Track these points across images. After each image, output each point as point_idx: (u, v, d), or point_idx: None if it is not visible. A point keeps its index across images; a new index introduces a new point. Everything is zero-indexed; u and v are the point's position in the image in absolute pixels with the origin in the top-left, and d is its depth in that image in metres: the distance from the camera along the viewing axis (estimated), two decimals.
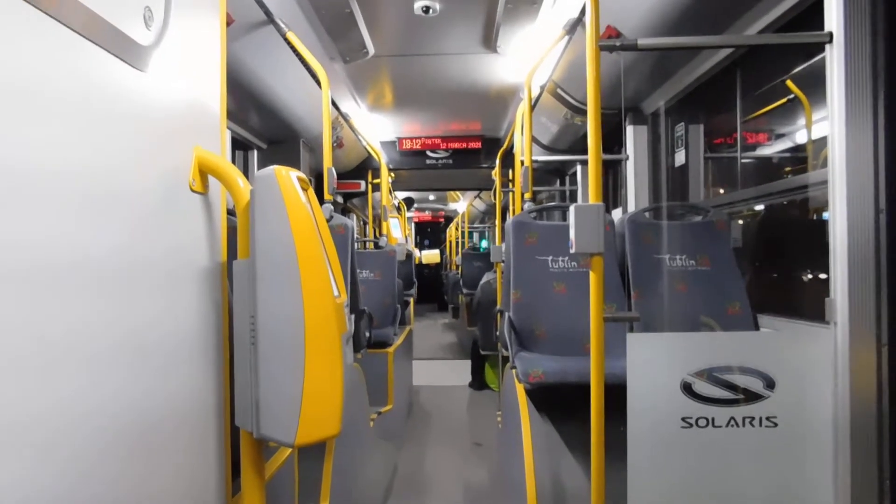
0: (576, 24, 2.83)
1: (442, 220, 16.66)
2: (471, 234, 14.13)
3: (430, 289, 14.10)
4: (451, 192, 11.92)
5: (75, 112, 0.71)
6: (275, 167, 0.98)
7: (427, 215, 16.69)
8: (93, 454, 0.73)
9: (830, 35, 1.49)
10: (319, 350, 0.94)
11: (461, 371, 6.32)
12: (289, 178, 0.98)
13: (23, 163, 0.62)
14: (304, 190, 1.02)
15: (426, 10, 3.29)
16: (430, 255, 13.20)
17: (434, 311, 13.73)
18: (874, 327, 1.42)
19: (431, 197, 13.47)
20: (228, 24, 2.25)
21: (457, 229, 12.35)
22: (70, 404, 0.69)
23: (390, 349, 4.01)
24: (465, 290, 8.58)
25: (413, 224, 16.86)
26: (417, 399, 5.49)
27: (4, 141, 0.60)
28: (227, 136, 1.20)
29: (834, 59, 1.49)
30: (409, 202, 12.03)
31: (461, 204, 12.84)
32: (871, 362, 1.42)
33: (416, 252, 14.24)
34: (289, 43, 2.82)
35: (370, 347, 3.66)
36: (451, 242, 12.52)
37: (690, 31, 2.29)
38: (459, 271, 9.83)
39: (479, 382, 5.92)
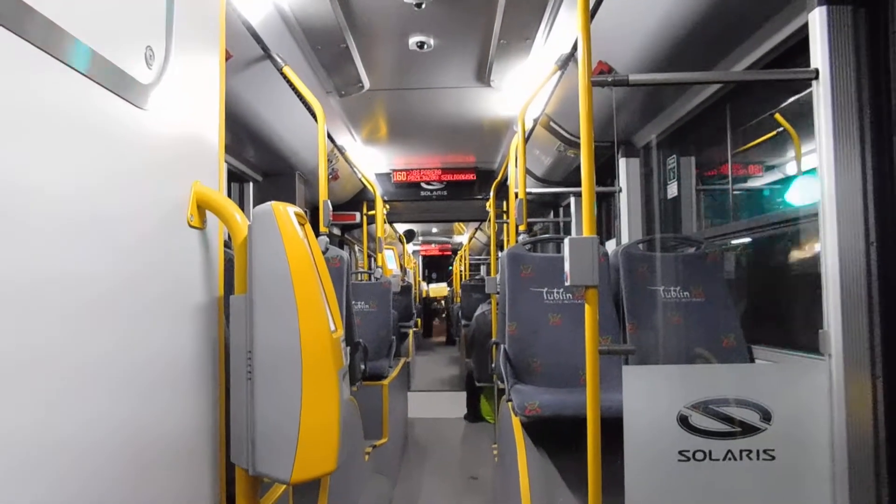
0: (568, 60, 2.89)
1: (449, 252, 16.56)
2: (477, 266, 14.10)
3: (440, 322, 13.96)
4: (457, 224, 11.92)
5: (75, 150, 0.72)
6: (272, 203, 0.99)
7: (434, 248, 16.57)
8: (86, 493, 0.72)
9: (816, 71, 1.52)
10: (316, 386, 0.94)
11: (457, 403, 6.27)
12: (286, 213, 0.98)
13: (21, 199, 0.63)
14: (302, 225, 1.03)
15: (421, 45, 3.35)
16: (438, 289, 13.09)
17: (442, 345, 13.57)
18: (868, 360, 1.42)
19: (434, 229, 13.44)
20: (227, 59, 2.29)
21: (460, 262, 12.35)
22: (64, 443, 0.68)
23: (385, 381, 3.98)
24: (463, 322, 8.55)
25: (420, 257, 16.76)
26: (413, 432, 5.43)
27: (2, 178, 0.60)
28: (224, 169, 1.21)
29: (820, 95, 1.52)
30: (409, 234, 12.04)
31: (466, 236, 12.85)
32: (867, 395, 1.42)
33: (424, 286, 14.10)
34: (285, 77, 2.86)
35: (365, 380, 3.63)
36: (458, 274, 12.48)
37: (681, 67, 2.34)
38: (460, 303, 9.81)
39: (474, 415, 5.86)
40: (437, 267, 17.62)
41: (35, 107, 0.65)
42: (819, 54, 1.52)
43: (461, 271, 12.05)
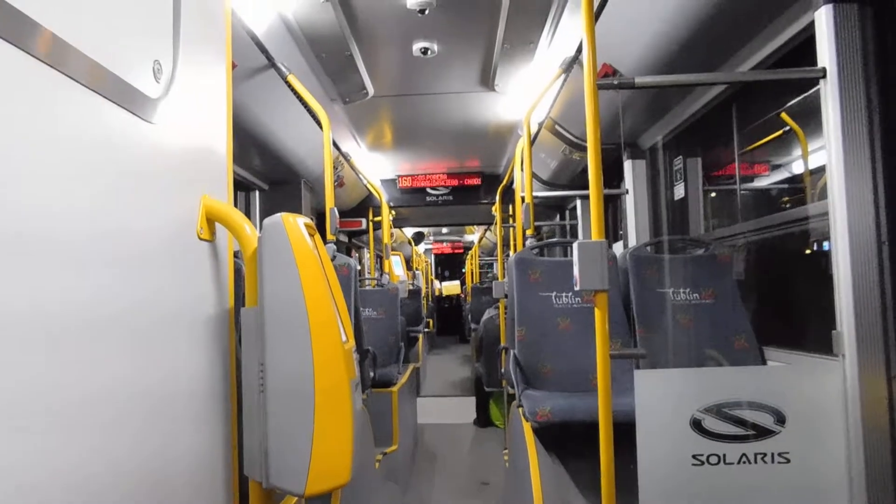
0: (572, 63, 2.89)
1: (462, 250, 16.62)
2: (489, 265, 14.10)
3: (452, 320, 14.01)
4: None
5: (84, 165, 0.72)
6: (282, 214, 0.99)
7: (446, 247, 16.64)
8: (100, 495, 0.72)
9: (824, 70, 1.51)
10: (329, 398, 0.93)
11: (466, 408, 6.26)
12: (296, 225, 0.98)
13: (30, 215, 0.63)
14: (311, 236, 1.03)
15: (424, 51, 3.35)
16: (451, 287, 13.24)
17: (456, 342, 13.49)
18: (883, 360, 1.41)
19: (445, 229, 13.50)
20: (232, 69, 2.29)
21: (471, 261, 12.40)
22: (75, 454, 0.68)
23: (394, 388, 3.97)
24: (472, 326, 8.55)
25: (432, 256, 16.85)
26: (423, 438, 5.42)
27: (11, 193, 0.60)
28: (231, 180, 1.21)
29: (828, 94, 1.50)
30: (418, 237, 12.08)
31: (477, 236, 12.89)
32: (883, 395, 1.40)
33: (437, 284, 14.24)
34: (290, 86, 2.87)
35: (374, 387, 3.63)
36: (470, 272, 12.51)
37: (686, 68, 2.33)
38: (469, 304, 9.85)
39: (483, 420, 5.85)
40: (449, 265, 17.68)
41: (42, 122, 0.65)
42: (826, 53, 1.50)
43: (472, 270, 12.11)
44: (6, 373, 0.58)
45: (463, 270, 15.83)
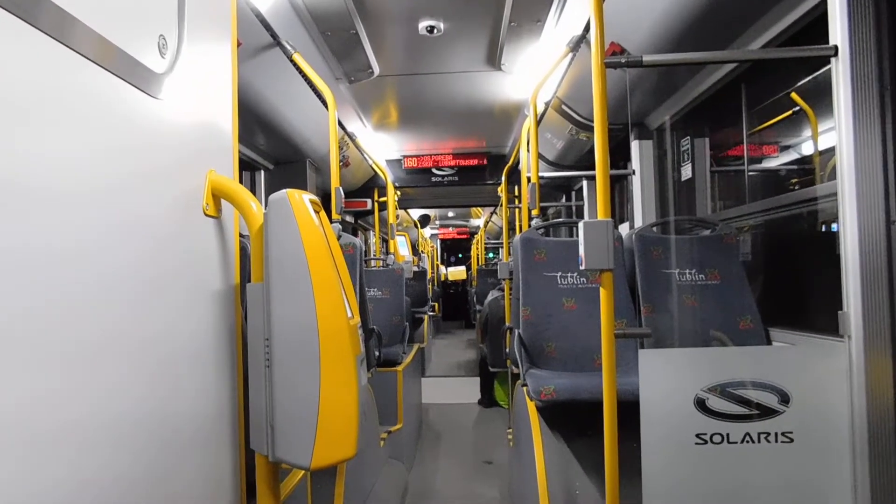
0: (579, 42, 2.85)
1: (467, 236, 16.60)
2: (496, 249, 14.11)
3: (458, 305, 14.11)
4: (475, 208, 11.95)
5: (92, 139, 0.72)
6: (288, 190, 0.98)
7: (452, 232, 16.62)
8: (108, 480, 0.73)
9: (836, 48, 1.49)
10: (334, 373, 0.94)
11: (471, 388, 6.29)
12: (302, 201, 0.98)
13: (40, 187, 0.63)
14: (317, 212, 1.03)
15: (430, 29, 3.32)
16: (456, 272, 13.29)
17: (461, 328, 13.59)
18: (889, 341, 1.40)
19: (451, 214, 13.48)
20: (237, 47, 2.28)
21: (477, 246, 12.41)
22: (83, 425, 0.69)
23: (399, 368, 3.99)
24: (478, 307, 8.59)
25: (438, 241, 16.84)
26: (427, 417, 5.46)
27: (22, 166, 0.60)
28: (237, 157, 1.21)
29: (840, 72, 1.49)
30: (424, 220, 12.07)
31: (483, 220, 12.89)
32: (888, 376, 1.40)
33: (443, 269, 14.33)
34: (295, 64, 2.85)
35: (379, 366, 3.65)
36: (476, 257, 12.55)
37: (695, 47, 2.30)
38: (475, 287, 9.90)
39: (488, 400, 5.88)
40: (455, 250, 17.66)
41: (48, 97, 0.65)
42: (838, 30, 1.48)
43: (478, 255, 12.13)
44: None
45: (468, 256, 15.82)
